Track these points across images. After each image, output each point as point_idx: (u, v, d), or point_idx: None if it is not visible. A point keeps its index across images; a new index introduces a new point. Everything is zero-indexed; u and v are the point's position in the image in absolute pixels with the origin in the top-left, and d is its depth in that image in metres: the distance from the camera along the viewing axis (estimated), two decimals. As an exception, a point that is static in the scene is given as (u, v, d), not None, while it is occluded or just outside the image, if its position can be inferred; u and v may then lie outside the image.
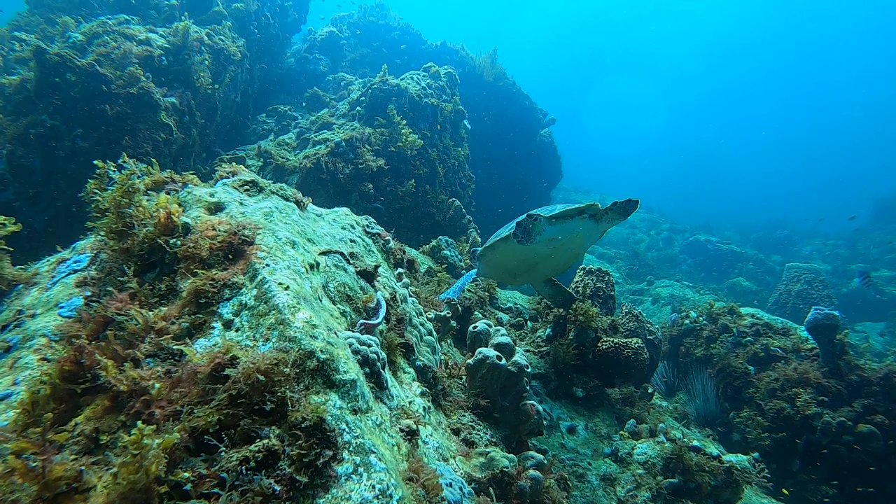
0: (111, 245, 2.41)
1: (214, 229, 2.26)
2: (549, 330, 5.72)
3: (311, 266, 2.33)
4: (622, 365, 5.05)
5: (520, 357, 3.22)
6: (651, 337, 6.48)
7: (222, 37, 9.07)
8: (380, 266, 2.83)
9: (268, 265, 2.11)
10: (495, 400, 3.17)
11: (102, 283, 2.44)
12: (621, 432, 4.38)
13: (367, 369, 2.06)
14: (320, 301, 2.22)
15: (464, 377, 3.31)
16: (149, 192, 3.23)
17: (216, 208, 2.48)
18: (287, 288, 2.01)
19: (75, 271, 2.86)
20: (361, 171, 7.49)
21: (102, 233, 2.42)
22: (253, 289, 2.02)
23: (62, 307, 2.55)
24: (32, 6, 10.77)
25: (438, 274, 5.69)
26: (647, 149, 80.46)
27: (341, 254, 2.60)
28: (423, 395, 2.73)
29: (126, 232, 2.33)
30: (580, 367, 5.21)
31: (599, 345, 5.18)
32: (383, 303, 2.47)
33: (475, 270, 5.21)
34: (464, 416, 3.03)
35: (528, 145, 14.71)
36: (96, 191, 3.05)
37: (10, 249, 2.97)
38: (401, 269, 3.93)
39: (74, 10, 9.88)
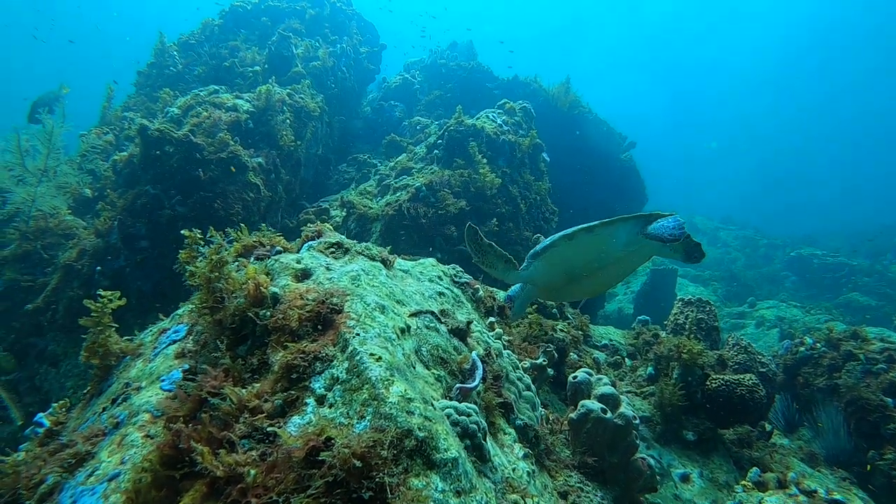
0: (205, 318, 2.44)
1: (302, 298, 2.22)
2: (650, 369, 5.36)
3: (402, 330, 2.24)
4: (736, 405, 4.61)
5: (626, 408, 2.97)
6: (764, 370, 5.94)
7: (302, 95, 9.49)
8: (472, 322, 2.70)
9: (358, 334, 2.03)
10: (603, 456, 2.92)
11: (199, 356, 2.46)
12: (744, 482, 3.94)
13: (468, 441, 1.92)
14: (413, 368, 2.11)
15: (566, 431, 3.08)
16: (239, 257, 3.31)
17: (303, 275, 2.46)
18: (379, 359, 1.91)
19: (175, 342, 2.93)
20: (443, 214, 7.47)
21: (196, 304, 2.46)
22: (344, 361, 1.94)
23: (163, 380, 2.59)
24: (138, 88, 11.83)
25: (529, 315, 5.49)
26: (734, 163, 76.40)
27: (432, 313, 2.50)
28: (525, 457, 2.54)
29: (217, 306, 2.35)
30: (688, 409, 4.81)
31: (708, 383, 4.77)
32: (479, 364, 2.33)
33: (518, 286, 4.82)
34: (570, 476, 2.81)
35: (609, 172, 14.28)
36: (188, 261, 3.15)
37: (116, 326, 3.08)
38: (492, 318, 3.79)
39: (172, 86, 10.73)
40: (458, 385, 2.20)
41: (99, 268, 6.83)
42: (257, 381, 2.07)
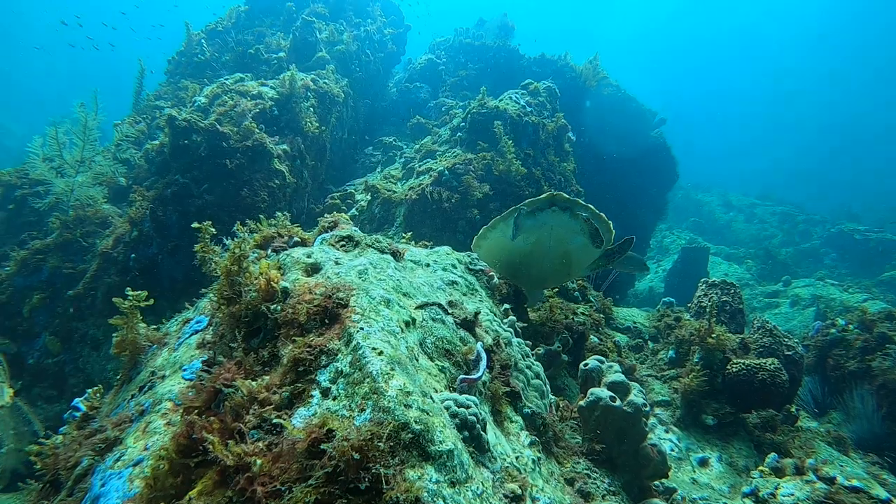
0: (222, 310, 2.55)
1: (311, 293, 2.31)
2: (671, 352, 5.34)
3: (407, 323, 2.30)
4: (757, 390, 4.58)
5: (636, 396, 2.99)
6: (790, 353, 5.83)
7: (326, 80, 9.56)
8: (480, 313, 2.75)
9: (362, 328, 2.11)
10: (612, 443, 2.96)
11: (216, 347, 2.58)
12: (761, 468, 3.92)
13: (466, 433, 1.98)
14: (416, 360, 2.18)
15: (576, 418, 3.13)
16: (257, 248, 3.43)
17: (313, 269, 2.55)
18: (381, 353, 1.99)
19: (196, 332, 3.06)
20: (466, 198, 7.49)
21: (215, 298, 2.57)
22: (348, 354, 2.02)
23: (185, 370, 2.73)
24: (169, 76, 12.07)
25: (550, 299, 5.51)
26: (773, 138, 73.53)
27: (439, 305, 2.56)
28: (531, 444, 2.60)
29: (235, 298, 2.45)
30: (708, 393, 4.79)
31: (728, 368, 4.73)
32: (484, 355, 2.38)
33: None
34: (578, 463, 2.86)
35: (639, 149, 14.04)
36: (203, 253, 3.27)
37: (144, 323, 3.23)
38: (507, 305, 3.83)
39: (200, 73, 10.94)
40: (461, 376, 2.27)
41: (133, 255, 7.09)
42: (268, 373, 2.17)
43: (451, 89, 13.66)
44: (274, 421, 1.90)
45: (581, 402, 2.99)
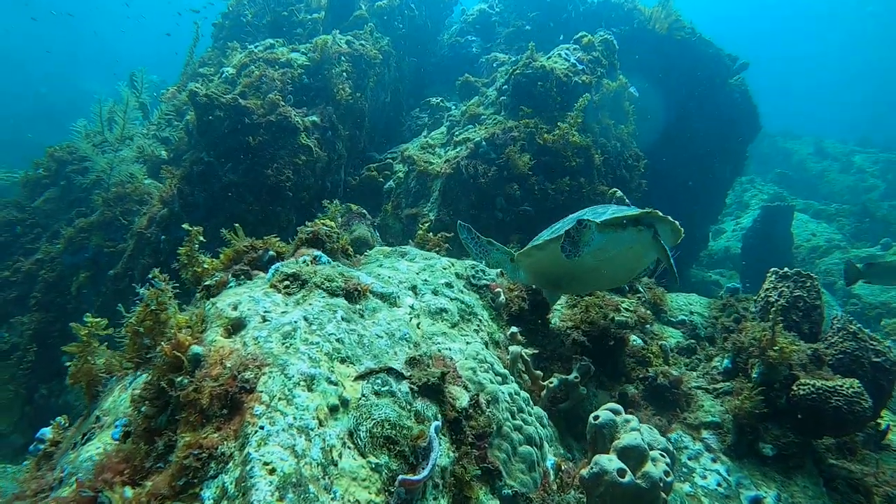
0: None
1: (221, 364, 1.87)
2: (727, 361, 4.62)
3: (335, 409, 1.82)
4: (828, 418, 3.83)
5: (653, 466, 2.40)
6: (879, 359, 4.92)
7: (363, 41, 8.96)
8: (448, 374, 2.22)
9: (261, 428, 1.65)
10: (622, 524, 2.41)
11: (134, 411, 2.21)
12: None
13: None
14: (335, 465, 1.70)
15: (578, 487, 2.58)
16: (231, 264, 3.03)
17: (235, 327, 2.09)
18: (273, 471, 1.53)
19: (149, 369, 2.72)
20: (505, 172, 6.82)
21: (119, 360, 2.19)
22: (238, 466, 1.58)
23: (117, 425, 2.39)
24: (214, 41, 11.78)
25: (586, 297, 4.86)
26: (877, 75, 65.56)
27: (388, 371, 2.05)
28: (511, 537, 2.10)
29: (141, 363, 2.06)
30: (768, 416, 4.07)
31: (795, 389, 3.98)
32: (435, 443, 1.87)
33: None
34: (577, 548, 2.34)
35: (715, 100, 12.63)
36: (187, 258, 2.96)
37: (105, 353, 2.94)
38: (514, 329, 3.27)
39: (242, 37, 10.56)
40: (400, 477, 1.78)
41: (163, 237, 6.95)
42: (160, 471, 1.77)
43: (505, 41, 12.65)
44: (131, 563, 1.50)
45: (583, 472, 2.44)
